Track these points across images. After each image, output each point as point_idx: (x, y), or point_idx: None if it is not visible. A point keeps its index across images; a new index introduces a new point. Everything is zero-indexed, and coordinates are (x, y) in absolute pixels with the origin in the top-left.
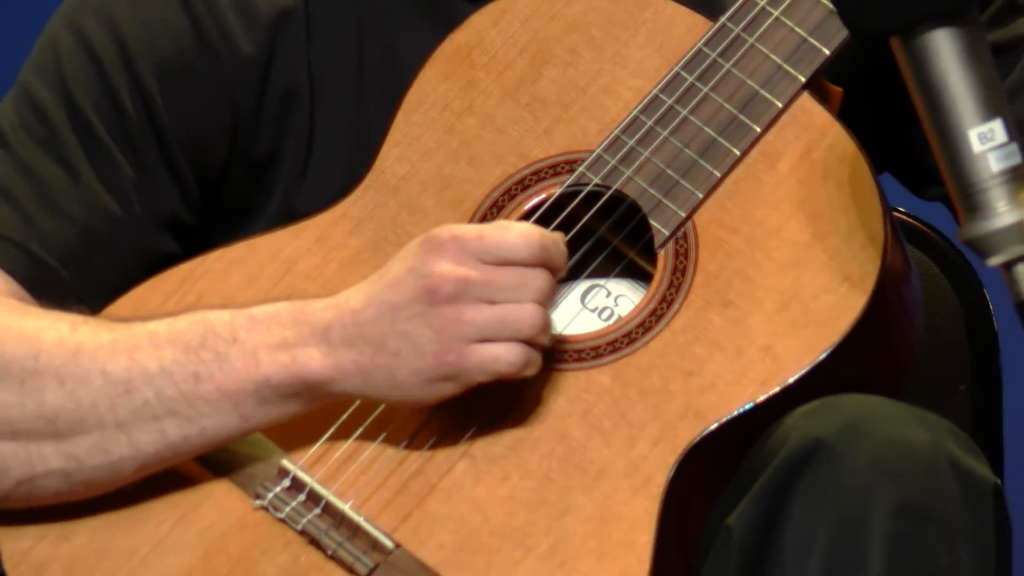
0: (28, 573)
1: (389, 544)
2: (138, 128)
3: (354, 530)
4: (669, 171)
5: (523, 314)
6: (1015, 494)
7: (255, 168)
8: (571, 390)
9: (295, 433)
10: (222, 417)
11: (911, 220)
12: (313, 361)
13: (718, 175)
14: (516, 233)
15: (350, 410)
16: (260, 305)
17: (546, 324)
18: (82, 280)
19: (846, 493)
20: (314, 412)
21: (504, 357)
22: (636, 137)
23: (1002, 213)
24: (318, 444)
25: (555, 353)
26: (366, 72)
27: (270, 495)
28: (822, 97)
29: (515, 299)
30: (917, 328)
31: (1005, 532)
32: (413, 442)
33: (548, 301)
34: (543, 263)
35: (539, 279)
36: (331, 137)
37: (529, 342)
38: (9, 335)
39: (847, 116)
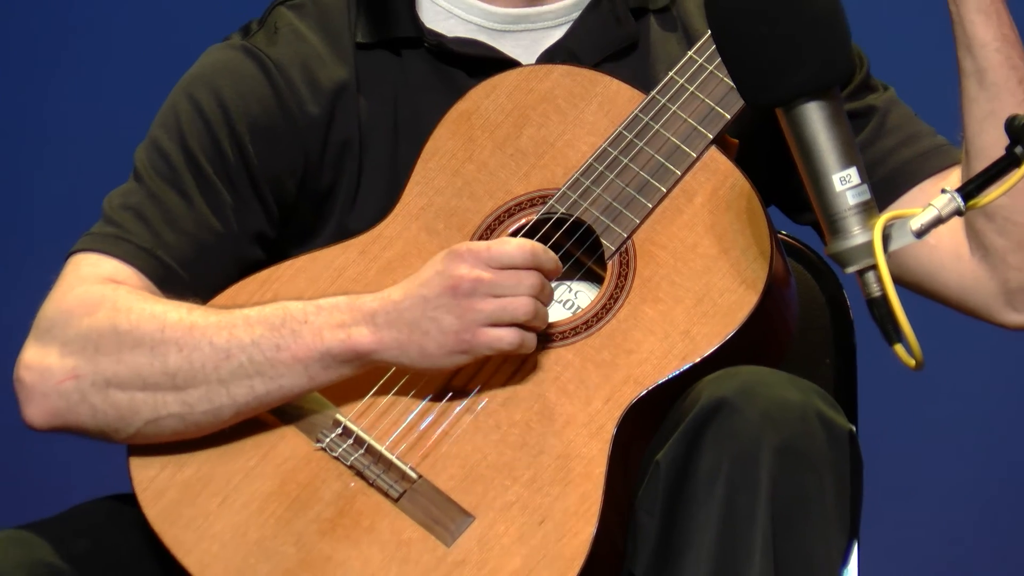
0: (153, 496)
1: (414, 475)
2: (235, 169)
3: (388, 465)
4: (615, 203)
5: (519, 304)
6: (865, 438)
7: (318, 199)
8: (546, 362)
9: (346, 393)
10: (295, 377)
11: (791, 239)
12: (363, 337)
13: (650, 206)
14: (513, 245)
15: (386, 376)
16: (324, 298)
17: (538, 312)
18: (195, 278)
19: (742, 437)
20: (359, 377)
21: (505, 338)
22: (591, 178)
23: (856, 235)
24: (362, 401)
25: (536, 336)
26: (399, 130)
27: (327, 439)
28: (724, 148)
29: (514, 294)
30: (794, 317)
31: (858, 466)
32: (432, 400)
33: (542, 294)
34: (535, 266)
35: (531, 278)
36: (374, 177)
37: (525, 325)
38: (143, 315)
39: (745, 161)
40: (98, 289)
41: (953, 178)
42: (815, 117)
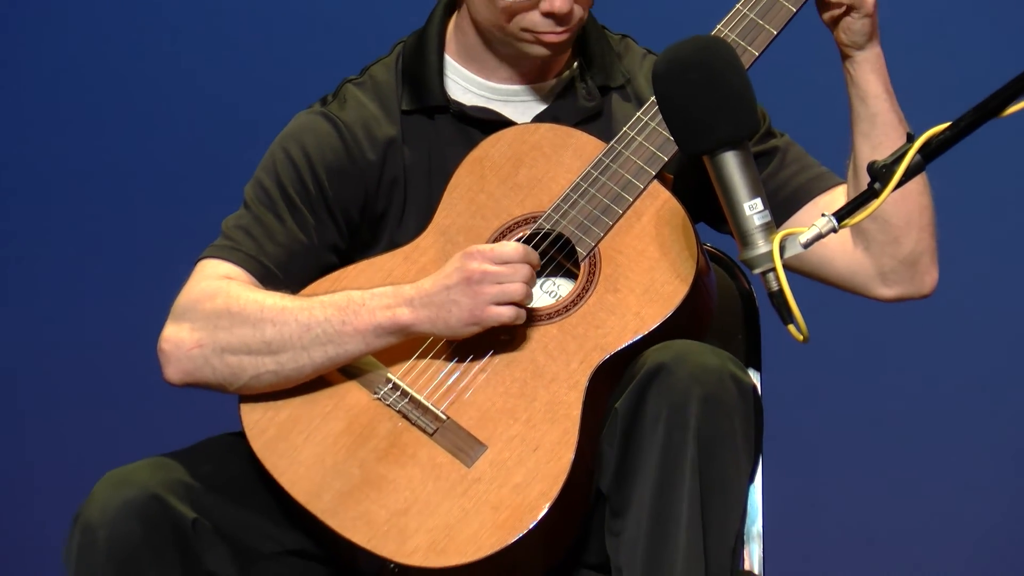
0: (257, 433)
1: (444, 417)
2: (316, 199)
3: (425, 410)
4: (586, 222)
5: (515, 289)
6: (766, 391)
7: (375, 221)
8: (537, 336)
9: (394, 358)
10: (356, 344)
11: (714, 250)
12: (404, 315)
13: (611, 223)
14: (510, 247)
15: (423, 345)
16: (376, 288)
17: (529, 295)
18: (287, 277)
19: (676, 391)
20: (403, 346)
21: (505, 314)
22: (568, 204)
23: (761, 247)
24: (406, 364)
25: (529, 316)
26: (432, 173)
27: (381, 391)
28: (663, 181)
29: (511, 281)
30: (714, 303)
31: (760, 412)
32: (456, 363)
33: (531, 282)
34: (526, 262)
35: (524, 270)
36: (414, 206)
37: (520, 304)
38: (248, 302)
39: (678, 189)
40: (216, 283)
41: (837, 192)
42: (731, 163)
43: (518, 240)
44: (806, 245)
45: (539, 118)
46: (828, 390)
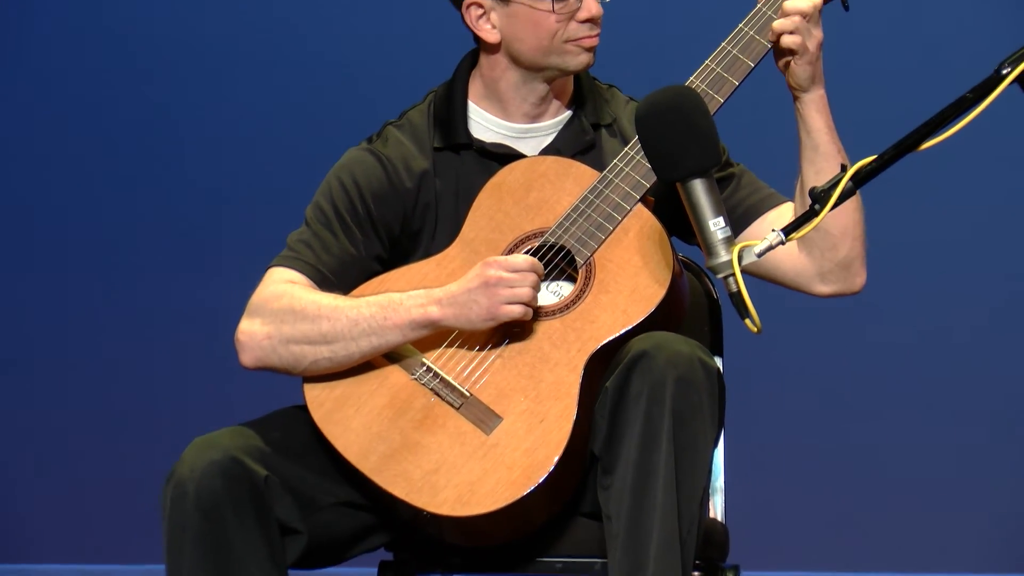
0: (317, 406)
1: (467, 394)
2: (363, 219)
3: (452, 388)
4: (583, 236)
5: (524, 292)
6: (727, 373)
7: (412, 236)
8: (543, 329)
9: (428, 347)
10: (395, 336)
11: (685, 259)
12: (434, 312)
13: (603, 238)
14: (521, 258)
15: (452, 336)
16: (412, 290)
17: (535, 297)
18: (340, 281)
19: (655, 373)
20: (435, 337)
21: (516, 311)
22: (569, 221)
23: (723, 256)
24: (438, 351)
25: (536, 313)
26: (459, 198)
27: (417, 373)
28: (646, 203)
29: (521, 286)
30: (687, 302)
31: (722, 392)
32: (478, 350)
33: (537, 287)
34: (533, 271)
35: (531, 277)
36: (444, 224)
37: (528, 304)
38: (308, 301)
39: (658, 210)
40: (282, 287)
41: (783, 208)
42: (699, 188)
43: (528, 251)
44: (759, 255)
45: (545, 151)
46: (777, 371)
